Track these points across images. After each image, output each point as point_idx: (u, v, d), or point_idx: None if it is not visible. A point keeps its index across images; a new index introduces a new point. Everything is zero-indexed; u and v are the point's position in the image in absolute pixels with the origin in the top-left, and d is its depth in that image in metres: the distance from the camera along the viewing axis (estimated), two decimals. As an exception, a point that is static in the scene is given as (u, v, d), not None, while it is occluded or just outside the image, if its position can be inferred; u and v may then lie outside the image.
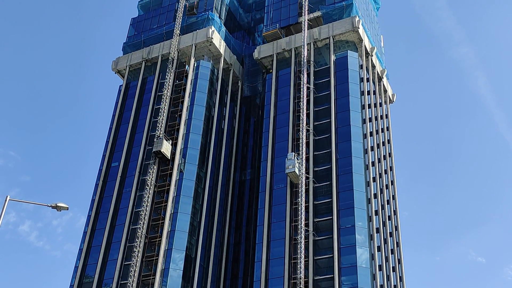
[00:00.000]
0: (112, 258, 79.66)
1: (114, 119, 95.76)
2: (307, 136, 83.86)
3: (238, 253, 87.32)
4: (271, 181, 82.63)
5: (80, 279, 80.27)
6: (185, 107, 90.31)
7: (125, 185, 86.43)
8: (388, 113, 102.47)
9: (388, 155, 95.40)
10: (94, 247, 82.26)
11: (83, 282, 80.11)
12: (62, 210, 33.73)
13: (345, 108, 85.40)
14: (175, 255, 76.73)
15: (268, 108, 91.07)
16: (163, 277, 75.06)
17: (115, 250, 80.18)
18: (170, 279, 74.88)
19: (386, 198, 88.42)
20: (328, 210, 77.25)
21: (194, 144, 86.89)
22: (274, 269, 74.90)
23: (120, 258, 78.66)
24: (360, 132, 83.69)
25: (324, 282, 72.28)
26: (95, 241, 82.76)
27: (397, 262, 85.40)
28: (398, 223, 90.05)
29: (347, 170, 79.44)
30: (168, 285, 74.29)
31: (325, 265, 73.57)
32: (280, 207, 79.69)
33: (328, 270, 72.61)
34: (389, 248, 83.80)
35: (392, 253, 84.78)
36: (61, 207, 34.12)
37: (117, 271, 77.74)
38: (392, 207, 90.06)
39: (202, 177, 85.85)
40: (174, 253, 76.69)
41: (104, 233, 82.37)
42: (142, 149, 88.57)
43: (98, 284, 78.44)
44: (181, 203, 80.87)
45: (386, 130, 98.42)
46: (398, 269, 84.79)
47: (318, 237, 75.80)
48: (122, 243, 79.99)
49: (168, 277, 74.89)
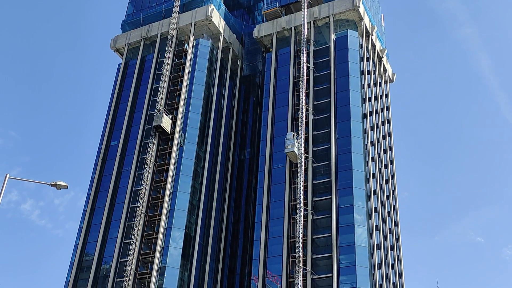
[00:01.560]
0: (112, 236, 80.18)
1: (113, 97, 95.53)
2: (306, 116, 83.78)
3: (237, 231, 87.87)
4: (270, 161, 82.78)
5: (80, 256, 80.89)
6: (184, 86, 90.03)
7: (124, 164, 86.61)
8: (387, 92, 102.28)
9: (388, 135, 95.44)
10: (94, 225, 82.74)
11: (83, 259, 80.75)
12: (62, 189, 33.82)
13: (345, 87, 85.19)
14: (175, 233, 77.22)
15: (267, 87, 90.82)
16: (162, 255, 75.64)
17: (114, 228, 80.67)
18: (169, 257, 75.47)
19: (385, 178, 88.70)
20: (327, 190, 77.55)
21: (193, 123, 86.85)
22: (273, 248, 75.45)
23: (120, 236, 79.16)
24: (360, 112, 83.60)
25: (322, 260, 72.88)
26: (94, 220, 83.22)
27: (395, 241, 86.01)
28: (397, 202, 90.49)
29: (346, 150, 79.55)
30: (168, 263, 74.89)
31: (323, 244, 74.11)
32: (279, 187, 79.97)
33: (327, 249, 73.17)
34: (387, 227, 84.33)
35: (390, 232, 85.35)
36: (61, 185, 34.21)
37: (116, 249, 78.30)
38: (391, 187, 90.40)
39: (201, 156, 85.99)
40: (173, 231, 77.18)
41: (104, 212, 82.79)
42: (141, 128, 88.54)
43: (98, 262, 79.08)
44: (180, 182, 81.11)
45: (385, 110, 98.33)
46: (396, 248, 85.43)
47: (317, 216, 76.21)
48: (121, 221, 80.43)
49: (168, 255, 75.47)
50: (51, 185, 33.95)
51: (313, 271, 71.95)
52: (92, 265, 78.88)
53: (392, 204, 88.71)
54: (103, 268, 78.64)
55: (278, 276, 73.17)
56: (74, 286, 78.77)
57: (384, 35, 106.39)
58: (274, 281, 73.54)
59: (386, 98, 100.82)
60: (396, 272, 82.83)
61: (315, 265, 72.63)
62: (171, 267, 74.75)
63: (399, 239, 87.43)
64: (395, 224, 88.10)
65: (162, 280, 73.84)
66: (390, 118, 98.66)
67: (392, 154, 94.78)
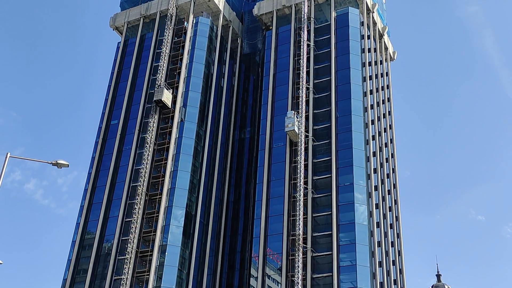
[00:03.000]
0: (113, 215, 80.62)
1: (113, 76, 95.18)
2: (306, 94, 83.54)
3: (237, 210, 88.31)
4: (270, 139, 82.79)
5: (82, 235, 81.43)
6: (184, 64, 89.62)
7: (125, 143, 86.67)
8: (388, 71, 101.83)
9: (388, 113, 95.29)
10: (95, 204, 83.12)
11: (85, 238, 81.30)
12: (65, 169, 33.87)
13: (345, 66, 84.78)
14: (176, 212, 77.61)
15: (267, 66, 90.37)
16: (163, 234, 76.13)
17: (115, 207, 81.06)
18: (171, 235, 75.96)
19: (385, 156, 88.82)
20: (327, 168, 77.71)
21: (193, 102, 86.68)
22: (273, 226, 75.90)
23: (121, 215, 79.59)
24: (360, 90, 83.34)
25: (322, 238, 73.35)
26: (96, 198, 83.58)
27: (395, 219, 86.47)
28: (397, 181, 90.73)
29: (347, 128, 79.52)
30: (169, 241, 75.40)
31: (323, 222, 74.53)
32: (279, 165, 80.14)
33: (327, 227, 73.60)
34: (387, 205, 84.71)
35: (390, 211, 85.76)
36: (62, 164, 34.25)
37: (118, 227, 78.78)
38: (391, 165, 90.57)
39: (201, 135, 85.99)
40: (174, 210, 77.56)
41: (105, 191, 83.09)
42: (142, 107, 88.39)
43: (100, 240, 79.63)
44: (181, 161, 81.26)
45: (386, 88, 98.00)
46: (395, 226, 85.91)
47: (317, 195, 76.49)
48: (122, 200, 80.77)
49: (169, 233, 75.96)
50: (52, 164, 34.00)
51: (313, 249, 72.47)
52: (93, 243, 79.46)
53: (392, 183, 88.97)
54: (105, 246, 79.22)
55: (278, 254, 73.75)
56: (76, 264, 79.45)
57: (385, 13, 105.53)
58: (274, 259, 74.15)
59: (387, 76, 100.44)
60: (395, 250, 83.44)
61: (315, 243, 73.13)
62: (172, 245, 75.28)
63: (399, 217, 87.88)
64: (395, 202, 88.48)
65: (163, 258, 74.45)
66: (390, 97, 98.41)
67: (392, 133, 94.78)
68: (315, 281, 70.94)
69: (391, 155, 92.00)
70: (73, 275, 78.69)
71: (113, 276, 75.38)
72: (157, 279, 73.29)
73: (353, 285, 68.72)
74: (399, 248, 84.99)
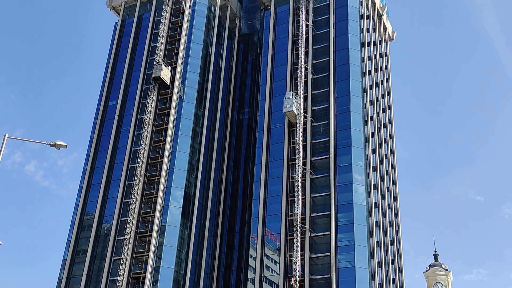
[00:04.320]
0: (112, 196, 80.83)
1: (110, 57, 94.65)
2: (305, 75, 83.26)
3: (236, 191, 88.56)
4: (269, 120, 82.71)
5: (81, 216, 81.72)
6: (182, 45, 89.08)
7: (123, 124, 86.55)
8: (387, 51, 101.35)
9: (387, 93, 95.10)
10: (94, 185, 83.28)
11: (84, 219, 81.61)
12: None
13: (344, 46, 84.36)
14: (175, 192, 77.82)
15: (266, 46, 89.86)
16: (162, 214, 76.43)
17: (114, 188, 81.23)
18: (169, 215, 76.27)
19: (384, 137, 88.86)
20: (325, 149, 77.78)
21: (191, 82, 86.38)
22: (272, 207, 76.20)
23: (120, 196, 79.80)
24: (359, 71, 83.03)
25: (320, 219, 73.73)
26: (94, 179, 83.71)
27: (393, 200, 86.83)
28: (395, 161, 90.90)
29: (345, 109, 79.41)
30: (168, 222, 75.74)
31: (321, 203, 74.83)
32: (277, 146, 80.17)
33: (325, 208, 73.92)
34: (385, 185, 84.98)
35: (388, 191, 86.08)
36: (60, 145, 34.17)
37: (117, 208, 79.06)
38: (389, 146, 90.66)
39: (200, 116, 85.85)
40: (173, 190, 77.76)
41: (104, 171, 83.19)
42: (140, 87, 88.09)
43: (99, 221, 79.97)
44: (179, 142, 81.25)
45: (385, 68, 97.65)
46: (393, 207, 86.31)
47: (315, 175, 76.67)
48: (121, 181, 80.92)
49: (168, 214, 76.26)
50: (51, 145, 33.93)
51: (312, 229, 72.88)
52: (93, 224, 79.80)
53: (390, 163, 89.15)
54: (104, 227, 79.58)
55: (277, 234, 74.17)
56: (76, 244, 79.86)
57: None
58: (273, 239, 74.58)
59: (386, 57, 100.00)
60: (393, 230, 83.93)
61: (313, 224, 73.51)
62: (171, 225, 75.64)
63: (397, 197, 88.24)
64: (393, 182, 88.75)
65: (162, 239, 74.85)
66: (389, 77, 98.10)
67: (391, 113, 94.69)
68: (313, 261, 71.48)
69: (390, 135, 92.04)
70: (73, 255, 79.17)
71: (112, 256, 75.86)
72: (156, 260, 73.79)
73: (351, 265, 69.26)
74: (397, 228, 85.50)
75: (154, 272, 73.08)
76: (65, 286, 77.17)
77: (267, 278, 72.58)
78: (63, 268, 78.42)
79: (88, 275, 76.56)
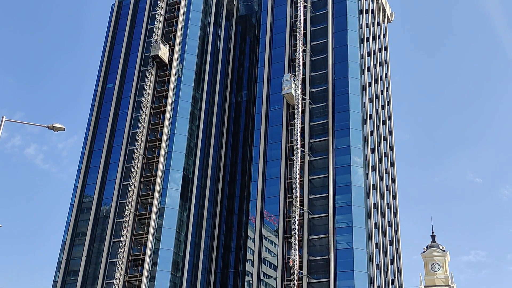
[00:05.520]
0: (111, 178, 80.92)
1: (108, 39, 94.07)
2: (303, 57, 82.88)
3: (234, 173, 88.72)
4: (267, 103, 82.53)
5: (80, 198, 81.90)
6: (179, 26, 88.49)
7: (121, 106, 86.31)
8: (386, 32, 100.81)
9: (385, 75, 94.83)
10: (92, 167, 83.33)
11: (83, 201, 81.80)
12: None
13: (343, 27, 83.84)
14: (173, 175, 77.94)
15: (264, 27, 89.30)
16: (161, 197, 76.62)
17: (113, 171, 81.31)
18: (168, 198, 76.48)
19: (382, 119, 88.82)
20: (323, 131, 77.76)
21: (189, 65, 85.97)
22: (270, 189, 76.39)
23: (119, 178, 79.90)
24: (357, 52, 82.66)
25: (319, 201, 73.98)
26: (93, 162, 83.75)
27: (391, 181, 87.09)
28: (393, 143, 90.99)
29: (344, 91, 79.21)
30: (167, 204, 75.96)
31: (320, 185, 75.01)
32: (276, 128, 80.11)
33: (323, 189, 74.14)
34: (383, 167, 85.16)
35: (386, 173, 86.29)
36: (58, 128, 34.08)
37: (115, 190, 79.21)
38: (388, 128, 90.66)
39: (198, 98, 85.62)
40: (172, 173, 77.87)
41: (102, 154, 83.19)
42: (137, 70, 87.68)
43: (98, 203, 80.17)
44: (177, 125, 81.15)
45: (383, 50, 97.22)
46: (391, 188, 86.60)
47: (314, 158, 76.78)
48: (120, 163, 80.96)
49: (167, 196, 76.46)
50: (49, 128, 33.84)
51: (310, 211, 73.18)
52: (92, 206, 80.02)
53: (388, 145, 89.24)
54: (103, 209, 79.82)
55: (275, 216, 74.49)
56: (75, 227, 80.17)
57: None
58: (271, 221, 74.91)
59: (384, 38, 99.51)
60: (391, 211, 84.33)
61: (311, 205, 73.78)
62: (170, 208, 75.90)
63: (395, 179, 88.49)
64: (391, 164, 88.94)
65: (161, 221, 75.15)
66: (388, 59, 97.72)
67: (389, 95, 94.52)
68: (311, 242, 71.89)
69: (388, 117, 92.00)
70: (72, 237, 79.52)
71: (111, 238, 76.20)
72: (155, 241, 74.16)
73: (349, 246, 69.69)
74: (394, 209, 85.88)
75: (153, 253, 73.52)
76: (65, 268, 77.67)
77: (265, 259, 73.08)
78: (62, 250, 78.82)
79: (87, 257, 77.01)
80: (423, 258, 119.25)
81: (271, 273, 72.14)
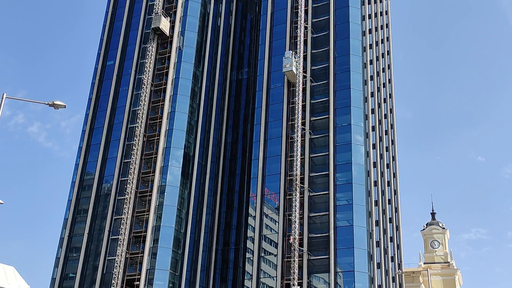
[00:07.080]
0: (112, 156, 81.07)
1: (108, 16, 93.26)
2: (305, 34, 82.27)
3: (235, 151, 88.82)
4: (268, 80, 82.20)
5: (81, 176, 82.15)
6: (180, 3, 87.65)
7: (121, 84, 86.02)
8: (388, 9, 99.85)
9: (387, 53, 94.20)
10: (93, 145, 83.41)
11: (84, 179, 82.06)
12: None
13: (344, 4, 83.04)
14: (174, 152, 78.05)
15: (265, 4, 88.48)
16: (162, 174, 76.82)
17: (114, 148, 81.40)
18: (169, 175, 76.69)
19: (383, 97, 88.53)
20: (324, 109, 77.59)
21: (190, 42, 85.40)
22: (271, 166, 76.55)
23: (120, 156, 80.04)
24: (359, 29, 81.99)
25: (319, 178, 74.17)
26: (94, 140, 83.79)
27: (391, 160, 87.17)
28: (394, 121, 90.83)
29: (345, 69, 78.82)
30: (168, 182, 76.20)
31: (321, 163, 75.13)
32: (277, 106, 79.95)
33: (324, 167, 74.26)
34: (384, 145, 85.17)
35: (387, 151, 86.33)
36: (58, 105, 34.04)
37: (117, 168, 79.40)
38: (389, 105, 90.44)
39: (198, 76, 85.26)
40: (173, 151, 77.97)
41: (103, 132, 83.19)
42: (138, 47, 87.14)
43: (99, 181, 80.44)
44: (178, 102, 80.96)
45: (385, 27, 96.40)
46: (392, 166, 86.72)
47: (315, 136, 76.74)
48: (120, 141, 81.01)
49: (168, 174, 76.66)
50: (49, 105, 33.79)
51: (310, 188, 73.41)
52: (93, 184, 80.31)
53: (389, 123, 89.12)
54: (104, 187, 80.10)
55: (276, 194, 74.79)
56: (76, 204, 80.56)
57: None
58: (272, 198, 75.23)
59: (386, 15, 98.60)
60: (391, 189, 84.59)
61: (312, 183, 74.00)
62: (171, 185, 76.15)
63: (396, 157, 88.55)
64: (392, 142, 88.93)
65: (162, 198, 75.46)
66: (390, 36, 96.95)
67: (391, 73, 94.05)
68: (312, 219, 72.29)
69: (389, 95, 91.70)
70: (74, 215, 79.97)
71: (113, 215, 76.65)
72: (156, 219, 74.59)
73: (349, 224, 70.08)
74: (395, 187, 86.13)
75: (154, 231, 73.99)
76: (67, 245, 78.28)
77: (266, 236, 73.56)
78: (64, 227, 79.34)
79: (89, 234, 77.55)
80: (423, 235, 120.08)
81: (271, 250, 72.70)
